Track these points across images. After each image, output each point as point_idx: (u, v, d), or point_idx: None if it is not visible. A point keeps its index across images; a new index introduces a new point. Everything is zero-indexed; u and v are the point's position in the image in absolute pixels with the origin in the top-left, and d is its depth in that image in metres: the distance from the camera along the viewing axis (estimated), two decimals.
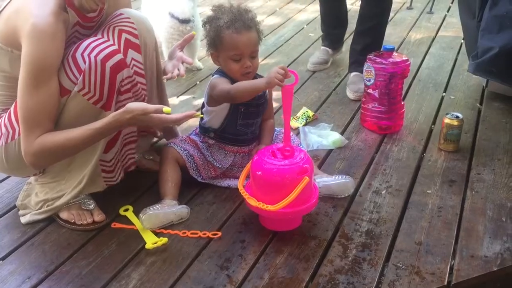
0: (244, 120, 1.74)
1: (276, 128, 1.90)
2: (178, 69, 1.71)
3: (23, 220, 1.63)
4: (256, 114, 1.77)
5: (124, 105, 1.49)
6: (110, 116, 1.45)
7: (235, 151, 1.78)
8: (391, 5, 2.52)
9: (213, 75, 1.73)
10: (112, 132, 1.52)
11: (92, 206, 1.63)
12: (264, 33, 3.38)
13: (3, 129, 1.52)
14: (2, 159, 1.55)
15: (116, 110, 1.51)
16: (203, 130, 1.79)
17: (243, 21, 1.63)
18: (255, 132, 1.82)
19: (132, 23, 1.57)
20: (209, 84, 1.71)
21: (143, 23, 1.63)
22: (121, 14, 1.58)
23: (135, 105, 1.45)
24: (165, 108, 1.44)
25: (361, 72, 2.23)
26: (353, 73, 2.56)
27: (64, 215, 1.62)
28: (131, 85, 1.55)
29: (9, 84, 1.51)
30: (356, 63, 2.52)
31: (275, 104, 2.34)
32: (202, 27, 1.72)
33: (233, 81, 1.67)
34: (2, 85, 1.53)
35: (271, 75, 1.50)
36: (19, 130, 1.48)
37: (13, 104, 1.51)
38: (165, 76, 1.70)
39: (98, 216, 1.62)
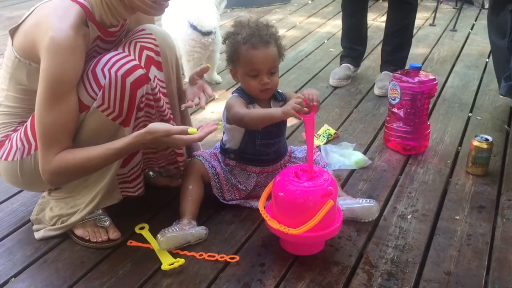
0: (263, 140, 1.68)
1: (299, 147, 1.86)
2: (199, 98, 1.65)
3: (37, 235, 1.59)
4: (277, 133, 1.71)
5: (143, 122, 1.45)
6: (132, 136, 1.40)
7: (258, 171, 1.72)
8: (415, 9, 2.65)
9: (232, 93, 1.69)
10: (132, 151, 1.48)
11: (107, 223, 1.58)
12: (284, 47, 3.39)
13: (19, 144, 1.48)
14: (17, 173, 1.52)
15: (135, 126, 1.46)
16: (224, 152, 1.74)
17: (261, 36, 1.56)
18: (280, 151, 1.75)
19: (154, 39, 1.53)
20: (226, 103, 1.66)
21: (165, 39, 1.59)
22: (143, 29, 1.55)
23: (157, 126, 1.40)
24: (191, 129, 1.39)
25: (391, 71, 2.52)
26: (383, 72, 2.75)
27: (79, 231, 1.57)
28: (152, 102, 1.50)
29: (25, 97, 1.48)
30: (387, 63, 2.74)
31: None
32: (222, 43, 1.68)
33: (251, 98, 1.62)
34: (18, 97, 1.50)
35: (288, 106, 1.44)
36: (35, 145, 1.44)
37: (30, 118, 1.47)
38: (183, 105, 1.64)
39: (114, 234, 1.57)
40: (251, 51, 1.56)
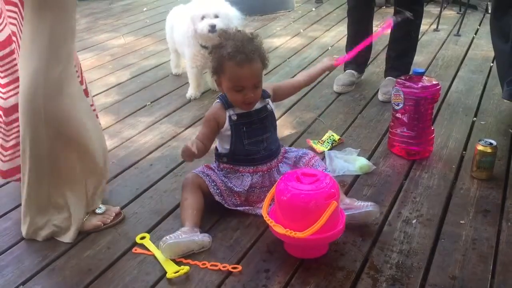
0: (250, 139, 1.72)
1: (300, 149, 1.88)
2: None
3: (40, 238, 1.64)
4: (263, 129, 1.74)
5: None
6: None
7: (252, 171, 1.74)
8: (421, 15, 2.65)
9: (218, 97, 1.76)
10: None
11: (103, 208, 1.70)
12: (288, 54, 3.42)
13: None
14: None
15: None
16: (218, 157, 1.78)
17: (245, 53, 1.59)
18: (271, 148, 1.77)
19: None
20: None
21: None
22: None
23: None
24: None
25: (395, 77, 2.47)
26: (387, 77, 2.75)
27: (89, 226, 1.66)
28: None
29: None
30: (391, 69, 2.75)
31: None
32: (208, 54, 1.71)
33: (231, 105, 1.69)
34: None
35: (183, 148, 1.62)
36: None
37: None
38: None
39: (115, 211, 1.71)
40: (236, 68, 1.60)
